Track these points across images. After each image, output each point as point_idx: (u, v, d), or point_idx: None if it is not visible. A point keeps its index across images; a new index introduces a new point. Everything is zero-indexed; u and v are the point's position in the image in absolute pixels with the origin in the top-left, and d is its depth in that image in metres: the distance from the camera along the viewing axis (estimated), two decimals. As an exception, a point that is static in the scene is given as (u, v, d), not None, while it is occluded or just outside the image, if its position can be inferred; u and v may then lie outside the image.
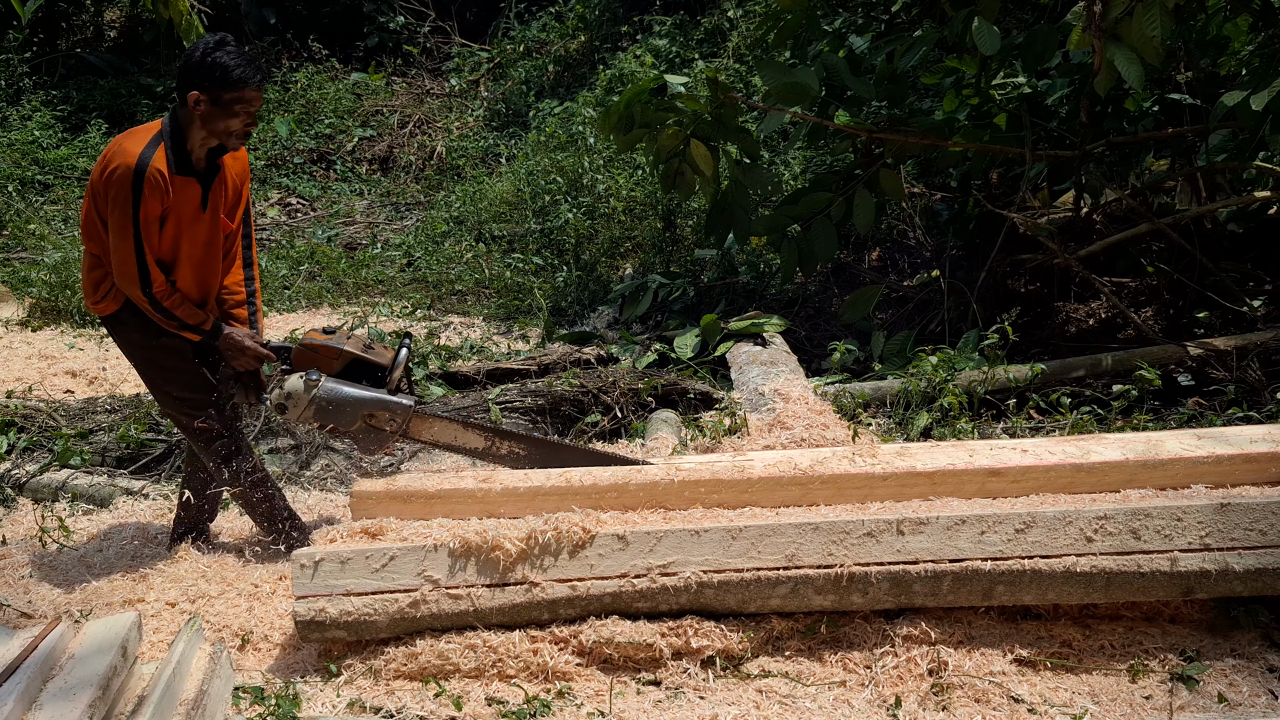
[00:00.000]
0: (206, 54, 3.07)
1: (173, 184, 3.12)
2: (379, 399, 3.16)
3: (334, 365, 3.20)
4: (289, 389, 3.13)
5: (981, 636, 2.79)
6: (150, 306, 3.19)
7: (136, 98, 12.13)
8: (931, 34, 5.31)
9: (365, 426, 3.16)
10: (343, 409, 3.14)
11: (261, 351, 3.33)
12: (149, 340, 3.31)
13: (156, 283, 3.16)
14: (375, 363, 3.22)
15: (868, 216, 5.55)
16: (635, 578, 2.76)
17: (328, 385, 3.14)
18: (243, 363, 3.34)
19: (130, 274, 3.14)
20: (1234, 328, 5.14)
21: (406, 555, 2.77)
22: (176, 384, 3.36)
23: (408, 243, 9.00)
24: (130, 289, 3.17)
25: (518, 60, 12.31)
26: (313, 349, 3.20)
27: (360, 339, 3.26)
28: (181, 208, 3.19)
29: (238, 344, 3.31)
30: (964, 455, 3.09)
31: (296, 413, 3.14)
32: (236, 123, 3.14)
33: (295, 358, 3.23)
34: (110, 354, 6.38)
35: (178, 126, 3.16)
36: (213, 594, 3.30)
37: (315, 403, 3.12)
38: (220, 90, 3.08)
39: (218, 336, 3.29)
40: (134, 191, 3.05)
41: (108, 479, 4.36)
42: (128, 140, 3.14)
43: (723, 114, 5.51)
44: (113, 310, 3.30)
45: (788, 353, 5.27)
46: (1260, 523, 2.72)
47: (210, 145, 3.20)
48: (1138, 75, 4.20)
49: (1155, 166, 5.88)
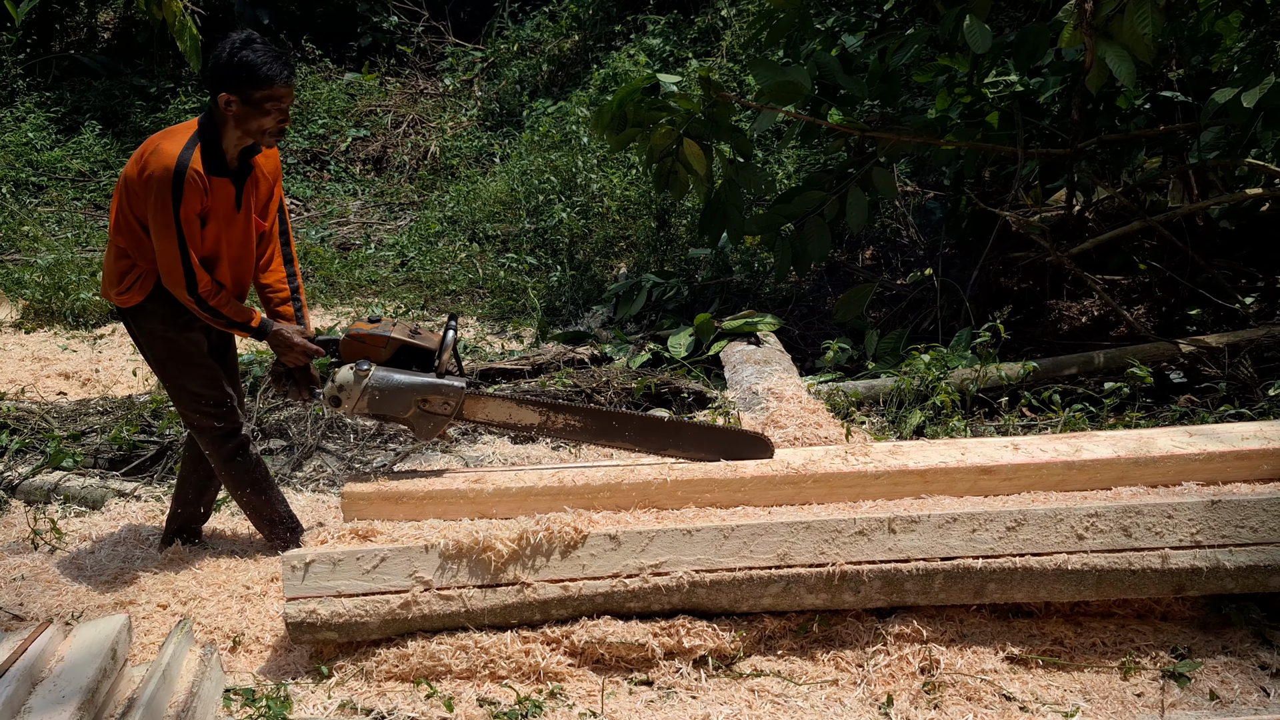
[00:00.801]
0: (233, 54, 3.06)
1: (210, 184, 3.13)
2: (431, 383, 3.14)
3: (382, 354, 3.17)
4: (340, 381, 3.11)
5: (973, 634, 2.79)
6: (198, 306, 3.19)
7: (130, 99, 12.10)
8: (923, 32, 5.31)
9: (419, 412, 3.14)
10: (396, 396, 3.12)
11: (310, 346, 3.32)
12: (172, 333, 3.32)
13: (202, 282, 3.17)
14: (423, 347, 3.20)
15: (861, 215, 5.56)
16: (627, 577, 2.76)
17: (379, 374, 3.11)
18: (293, 358, 3.33)
19: (177, 275, 3.14)
20: (1226, 325, 5.15)
21: (397, 556, 2.76)
22: (194, 379, 3.36)
23: (401, 243, 8.99)
24: (177, 290, 3.18)
25: (511, 60, 12.30)
26: (360, 339, 3.18)
27: (406, 325, 3.23)
28: (218, 207, 3.19)
29: (287, 340, 3.30)
30: (956, 453, 3.09)
31: (350, 404, 3.12)
32: (269, 120, 3.13)
33: (343, 349, 3.21)
34: (103, 355, 6.37)
35: (213, 126, 3.16)
36: (204, 596, 3.30)
37: (368, 393, 3.10)
38: (250, 89, 3.07)
39: (267, 333, 3.30)
40: (175, 192, 3.06)
41: (100, 481, 4.35)
42: (165, 141, 3.14)
43: (715, 113, 5.51)
44: (137, 301, 3.29)
45: (781, 352, 5.27)
46: (1251, 520, 2.73)
47: (244, 144, 3.21)
48: (1129, 73, 4.20)
49: (1147, 164, 5.89)
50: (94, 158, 10.93)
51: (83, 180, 10.63)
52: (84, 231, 9.22)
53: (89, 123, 11.33)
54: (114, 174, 10.88)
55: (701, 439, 3.17)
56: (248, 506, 3.57)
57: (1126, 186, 5.65)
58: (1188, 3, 4.89)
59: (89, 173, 10.74)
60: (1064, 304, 5.90)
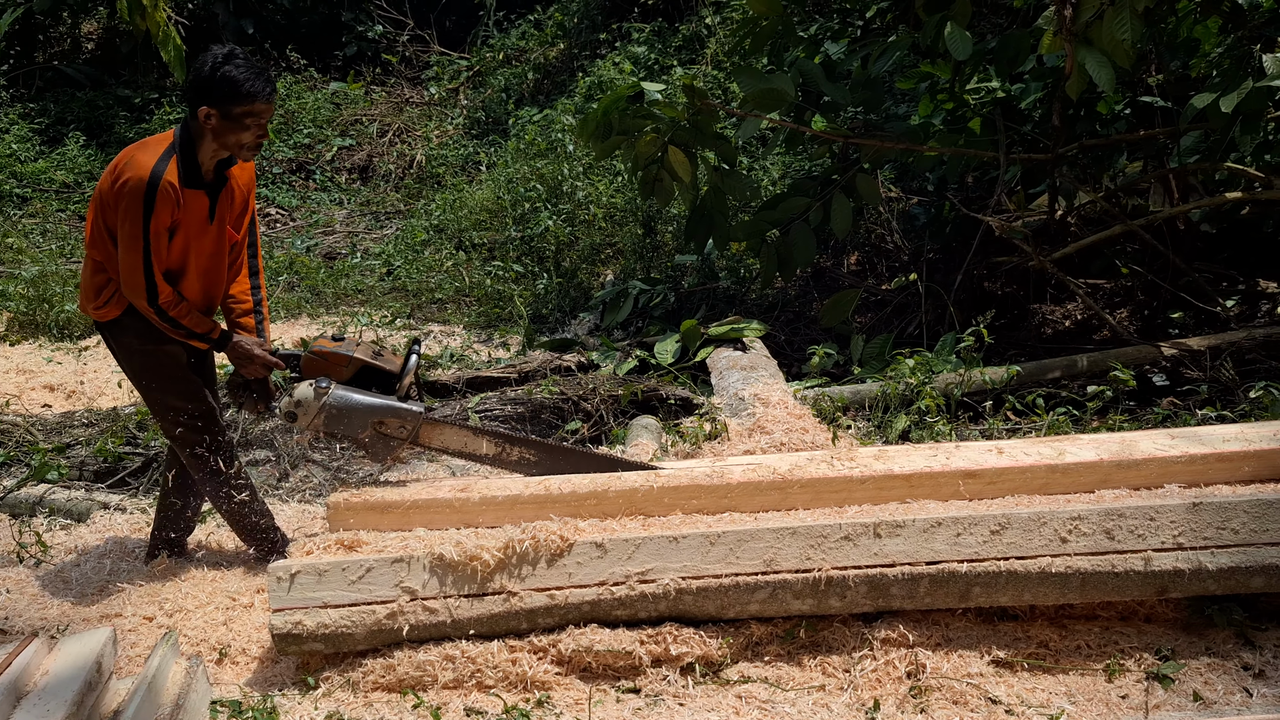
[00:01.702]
0: (215, 68, 3.06)
1: (183, 196, 3.13)
2: (389, 406, 3.14)
3: (343, 373, 3.17)
4: (299, 397, 3.11)
5: (959, 638, 2.80)
6: (157, 317, 3.19)
7: (114, 109, 12.07)
8: (905, 39, 5.34)
9: (375, 434, 3.14)
10: (352, 416, 3.12)
11: (270, 359, 3.32)
12: (149, 346, 3.31)
13: (163, 294, 3.16)
14: (385, 370, 3.20)
15: (845, 221, 5.58)
16: (614, 585, 2.76)
17: (337, 393, 3.11)
18: (252, 370, 3.33)
19: (138, 285, 3.14)
20: (1208, 327, 5.19)
21: (383, 567, 2.76)
22: (173, 392, 3.35)
23: (387, 252, 8.98)
24: (137, 300, 3.17)
25: (497, 68, 12.31)
26: (322, 356, 3.18)
27: (370, 346, 3.24)
28: (190, 219, 3.19)
29: (246, 351, 3.30)
30: (941, 457, 3.10)
31: (306, 420, 3.12)
32: (248, 135, 3.14)
33: (305, 365, 3.21)
34: (88, 368, 6.34)
35: (189, 139, 3.15)
36: (190, 608, 3.29)
37: (325, 410, 3.10)
38: (230, 104, 3.07)
39: (226, 344, 3.30)
40: (146, 204, 3.06)
41: (85, 493, 4.33)
42: (140, 152, 3.14)
43: (700, 120, 5.53)
44: (114, 315, 3.29)
45: (767, 357, 5.28)
46: (1233, 521, 2.75)
47: (220, 157, 3.21)
48: (1109, 78, 4.24)
49: (1128, 168, 5.93)
50: (78, 169, 10.89)
51: (67, 191, 10.60)
52: (68, 243, 9.18)
53: (73, 134, 11.29)
54: (98, 185, 10.83)
55: None
56: (232, 519, 3.56)
57: (1108, 191, 5.69)
58: (1166, 8, 4.93)
59: (73, 184, 10.70)
60: (1047, 308, 5.94)
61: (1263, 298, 5.40)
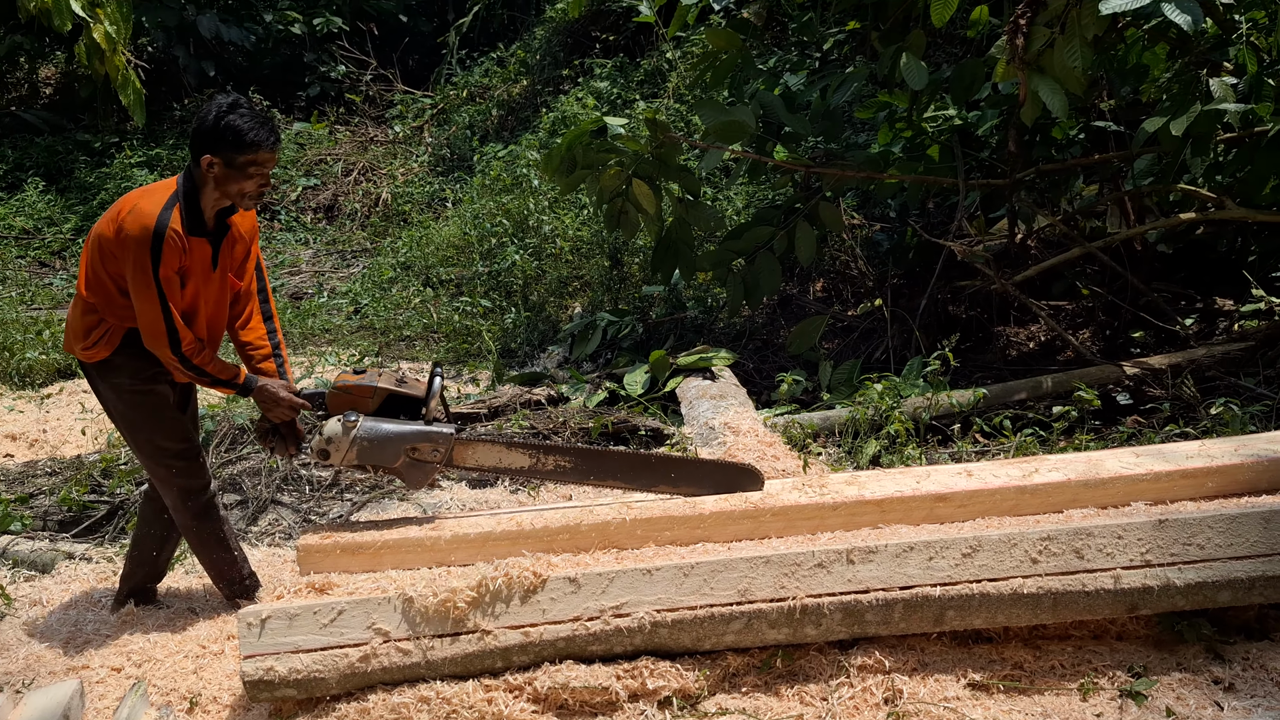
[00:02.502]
0: (220, 117, 3.07)
1: (188, 244, 3.12)
2: (420, 431, 3.12)
3: (369, 404, 3.15)
4: (329, 434, 3.08)
5: (935, 663, 2.81)
6: (181, 365, 3.16)
7: (74, 154, 12.00)
8: (863, 70, 5.44)
9: (409, 461, 3.12)
10: (385, 446, 3.09)
11: (297, 401, 3.30)
12: (140, 386, 3.29)
13: (186, 340, 3.15)
14: (410, 396, 3.18)
15: (809, 249, 5.64)
16: (588, 620, 2.74)
17: (367, 424, 3.09)
18: (279, 414, 3.31)
19: (159, 334, 3.12)
20: (1168, 346, 5.27)
21: (355, 609, 2.73)
22: (162, 432, 3.33)
23: (354, 290, 8.96)
24: (160, 349, 3.15)
25: (461, 105, 12.38)
26: (347, 390, 3.16)
27: (391, 374, 3.22)
28: (194, 267, 3.18)
29: (273, 395, 3.28)
30: (911, 482, 3.12)
31: (339, 456, 3.09)
32: (250, 185, 3.14)
33: (330, 402, 3.18)
34: (50, 416, 6.26)
35: (192, 187, 3.15)
36: (159, 657, 3.23)
37: (357, 444, 3.07)
38: (234, 153, 3.08)
39: (252, 389, 3.28)
40: (153, 253, 3.04)
41: (49, 544, 4.25)
42: (144, 200, 3.13)
43: (663, 153, 5.58)
44: (104, 356, 3.26)
45: (737, 386, 5.31)
46: (1198, 537, 2.78)
47: (222, 206, 3.21)
48: (1062, 105, 4.33)
49: (1085, 191, 6.05)
50: (38, 214, 10.79)
51: (26, 238, 10.49)
52: (29, 290, 9.08)
53: (32, 179, 11.20)
54: (58, 231, 10.75)
55: (693, 473, 3.17)
56: (211, 564, 3.52)
57: (1066, 214, 5.79)
58: (1115, 36, 5.05)
59: (33, 230, 10.60)
60: (1011, 330, 6.02)
61: (1220, 315, 5.50)
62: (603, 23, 11.60)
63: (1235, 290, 5.59)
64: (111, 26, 8.20)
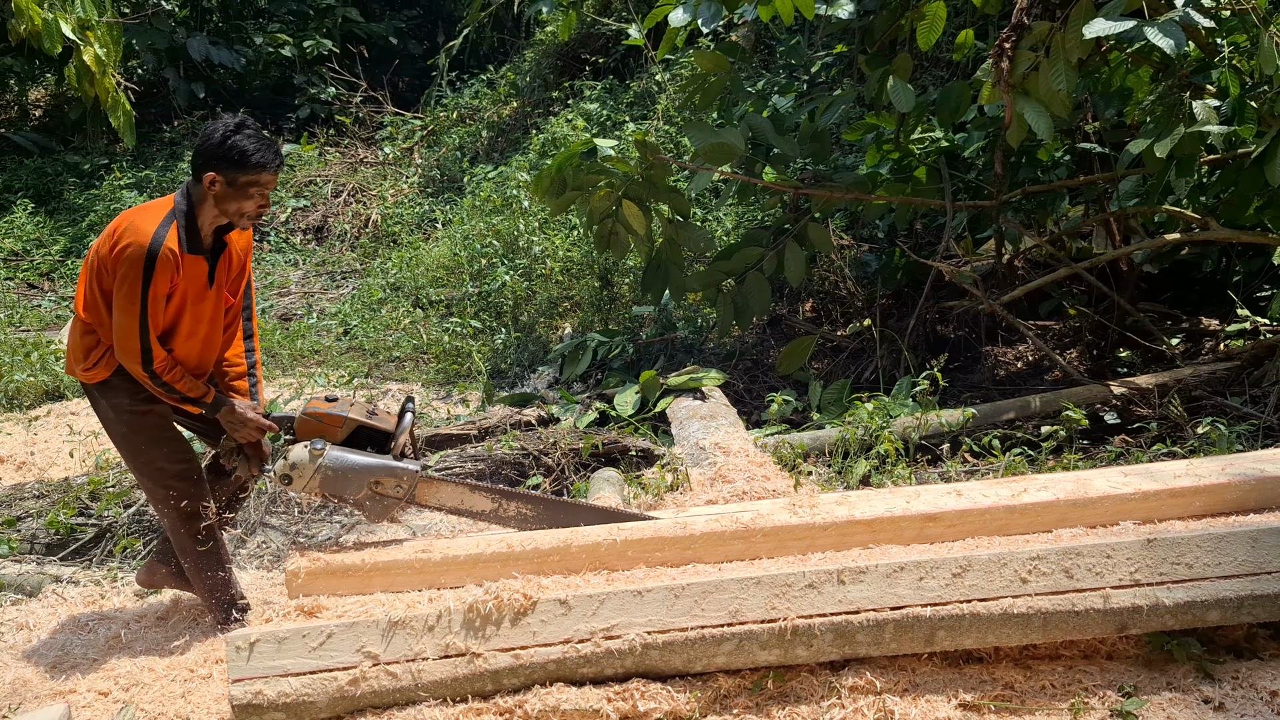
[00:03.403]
0: (226, 137, 3.10)
1: (183, 262, 3.13)
2: (385, 465, 3.12)
3: (338, 434, 3.15)
4: (294, 459, 3.08)
5: (926, 683, 2.81)
6: (151, 381, 3.17)
7: (63, 176, 11.99)
8: (850, 93, 5.48)
9: (371, 494, 3.11)
10: (349, 477, 3.09)
11: (264, 423, 3.30)
12: (140, 406, 3.29)
13: (158, 358, 3.15)
14: (380, 429, 3.19)
15: (798, 269, 5.66)
16: (579, 642, 2.74)
17: (333, 454, 3.09)
18: (245, 434, 3.31)
19: (132, 349, 3.13)
20: (1155, 365, 5.31)
21: (344, 632, 2.72)
22: (162, 453, 3.34)
23: (344, 311, 8.95)
24: (130, 364, 3.16)
25: (451, 127, 12.41)
26: (316, 418, 3.15)
27: (363, 405, 3.22)
28: (188, 285, 3.20)
29: (240, 416, 3.28)
30: (901, 502, 3.13)
31: (302, 483, 3.09)
32: (250, 205, 3.17)
33: (299, 427, 3.18)
34: (38, 438, 6.22)
35: (189, 205, 3.17)
36: (146, 680, 3.21)
37: (320, 472, 3.07)
38: (237, 173, 3.11)
39: (220, 409, 3.27)
40: (146, 270, 3.06)
41: (36, 567, 4.23)
42: (140, 218, 3.14)
43: (652, 175, 5.61)
44: (104, 377, 3.28)
45: (727, 406, 5.31)
46: (1186, 556, 2.79)
47: (220, 224, 3.23)
48: (1047, 127, 4.37)
49: (1071, 212, 6.10)
50: (26, 236, 10.77)
51: (15, 260, 10.46)
52: (17, 311, 9.05)
53: (21, 201, 11.18)
54: (47, 252, 10.72)
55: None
56: (205, 586, 3.50)
57: (1052, 235, 5.83)
58: (1099, 59, 5.10)
59: (21, 251, 10.57)
60: (999, 350, 6.05)
61: (1206, 335, 5.54)
62: (592, 45, 11.67)
63: (1221, 310, 5.64)
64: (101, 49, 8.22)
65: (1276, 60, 4.15)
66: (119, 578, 4.13)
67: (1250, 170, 4.47)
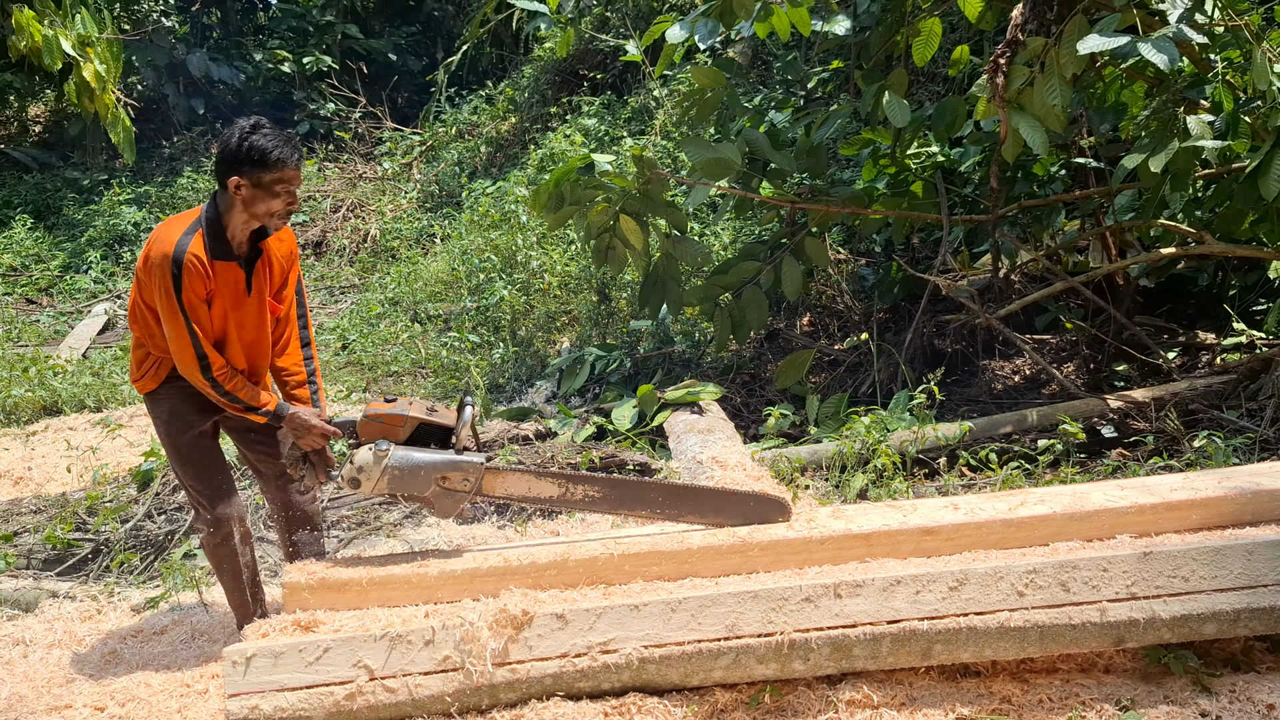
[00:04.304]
0: (243, 139, 3.10)
1: (212, 269, 3.14)
2: (450, 460, 3.11)
3: (400, 433, 3.15)
4: (360, 463, 3.08)
5: (923, 697, 2.80)
6: (213, 390, 3.18)
7: (63, 191, 12.03)
8: (846, 108, 5.51)
9: (439, 490, 3.11)
10: (416, 475, 3.09)
11: (328, 429, 3.29)
12: (176, 422, 3.33)
13: (216, 365, 3.17)
14: (441, 425, 3.18)
15: (796, 284, 5.68)
16: (576, 657, 2.73)
17: (398, 453, 3.09)
18: (310, 441, 3.30)
19: (189, 359, 3.14)
20: (1152, 379, 5.32)
21: (341, 646, 2.72)
22: (188, 473, 3.38)
23: (342, 326, 8.96)
24: (191, 375, 3.18)
25: (450, 142, 12.46)
26: (378, 419, 3.14)
27: (422, 403, 3.22)
28: (224, 291, 3.20)
29: (304, 423, 3.28)
30: (898, 515, 3.13)
31: (370, 485, 3.09)
32: (278, 203, 3.16)
33: (361, 430, 3.17)
34: (36, 453, 6.22)
35: (216, 213, 3.17)
36: (143, 696, 3.20)
37: (388, 472, 3.07)
38: (260, 173, 3.10)
39: (283, 417, 3.28)
40: (174, 278, 3.07)
41: (33, 582, 4.22)
42: (165, 229, 3.17)
43: (650, 189, 5.63)
44: (152, 388, 3.33)
45: (724, 420, 5.32)
46: (1182, 569, 2.79)
47: (252, 228, 3.23)
48: (1042, 142, 4.39)
49: (1067, 226, 6.12)
50: (25, 252, 10.79)
51: (14, 275, 10.47)
52: (15, 327, 9.05)
53: (20, 216, 11.20)
54: (46, 268, 10.75)
55: (721, 504, 3.16)
56: (228, 590, 3.53)
57: (1048, 249, 5.85)
58: (1094, 74, 5.14)
59: (20, 267, 10.59)
60: (996, 363, 6.06)
61: (1202, 349, 5.55)
62: (590, 61, 11.73)
63: (1217, 324, 5.65)
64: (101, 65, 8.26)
65: (1269, 75, 4.18)
66: (115, 593, 4.13)
67: (1245, 185, 4.49)
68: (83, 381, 7.41)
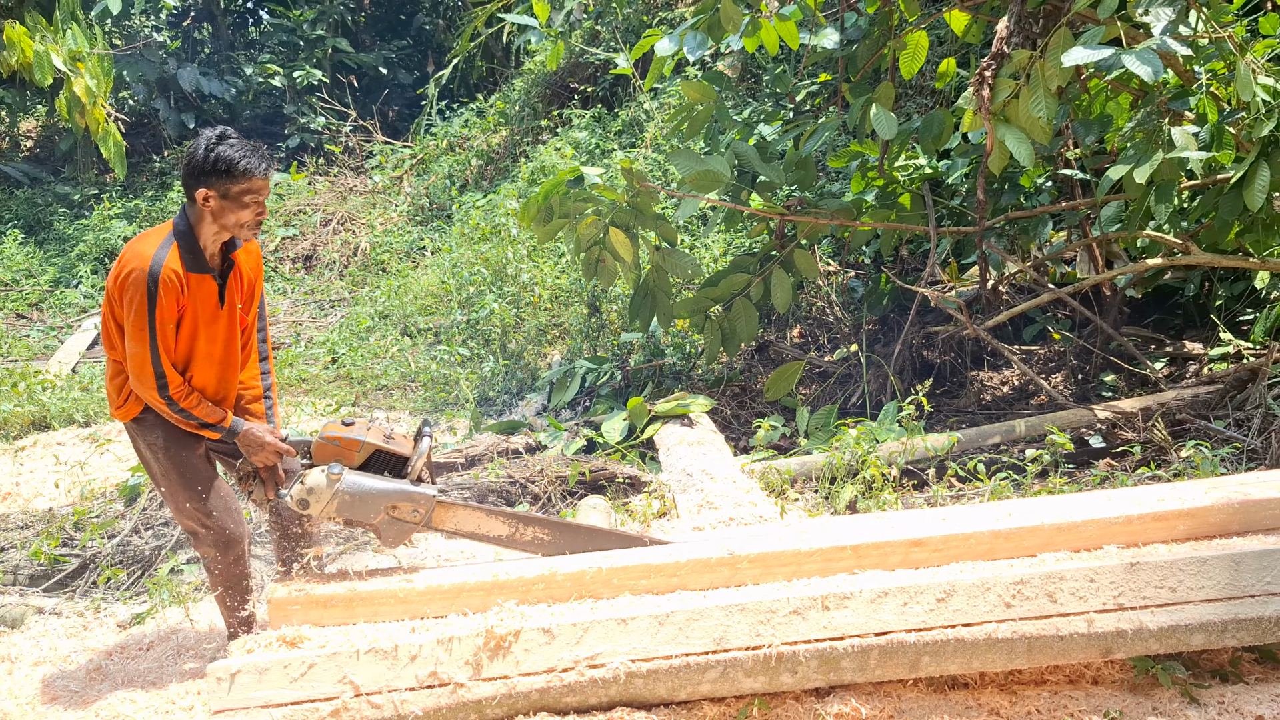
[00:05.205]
0: (209, 150, 3.08)
1: (188, 282, 3.12)
2: (402, 490, 3.11)
3: (355, 458, 3.13)
4: (311, 484, 3.06)
5: (911, 710, 2.80)
6: (168, 408, 3.16)
7: (53, 206, 12.01)
8: (834, 121, 5.53)
9: (388, 519, 3.10)
10: (366, 502, 3.07)
11: (281, 446, 3.28)
12: (172, 444, 3.29)
13: (173, 384, 3.14)
14: (397, 454, 3.17)
15: (785, 295, 5.69)
16: (563, 671, 2.72)
17: (350, 478, 3.07)
18: (262, 458, 3.28)
19: (147, 376, 3.11)
20: (1139, 389, 5.33)
21: (326, 662, 2.70)
22: (186, 496, 3.33)
23: (332, 340, 8.95)
24: (146, 392, 3.14)
25: (440, 156, 12.47)
26: (333, 442, 3.13)
27: (381, 430, 3.20)
28: (199, 305, 3.18)
29: (258, 439, 3.26)
30: (887, 527, 3.13)
31: (319, 508, 3.07)
32: (247, 214, 3.14)
33: (315, 451, 3.16)
34: (24, 468, 6.19)
35: (188, 225, 3.15)
36: (128, 713, 3.19)
37: (338, 497, 3.05)
38: (228, 184, 3.08)
39: (237, 433, 3.25)
40: (149, 293, 3.04)
41: (19, 598, 4.20)
42: (139, 243, 3.13)
43: (640, 202, 5.64)
44: (136, 413, 3.27)
45: (714, 432, 5.32)
46: (1169, 580, 2.80)
47: (222, 239, 3.21)
48: (1028, 154, 4.41)
49: (1054, 237, 6.14)
50: (15, 266, 10.76)
51: (4, 290, 10.44)
52: (4, 342, 9.02)
53: (10, 231, 11.18)
54: (36, 283, 10.72)
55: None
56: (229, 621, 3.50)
57: (1036, 260, 5.87)
58: (1079, 87, 5.16)
59: (10, 282, 10.56)
60: (985, 374, 6.07)
61: (1189, 359, 5.57)
62: (581, 74, 11.76)
63: (1204, 334, 5.67)
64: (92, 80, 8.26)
65: (1253, 87, 4.21)
66: (102, 609, 4.11)
67: (1229, 195, 4.51)
68: (71, 396, 7.38)
